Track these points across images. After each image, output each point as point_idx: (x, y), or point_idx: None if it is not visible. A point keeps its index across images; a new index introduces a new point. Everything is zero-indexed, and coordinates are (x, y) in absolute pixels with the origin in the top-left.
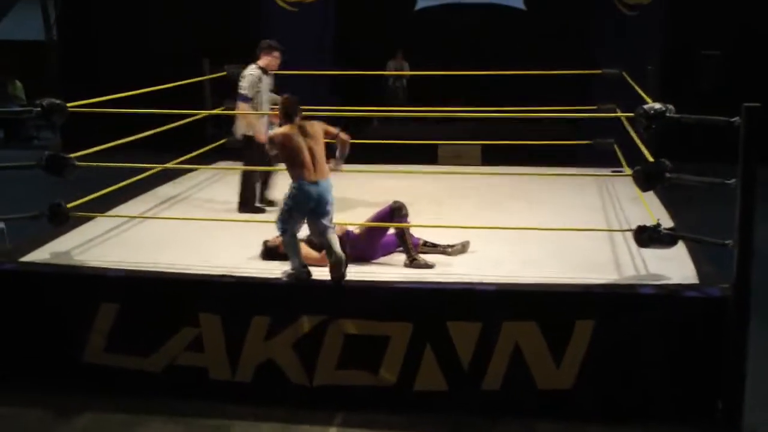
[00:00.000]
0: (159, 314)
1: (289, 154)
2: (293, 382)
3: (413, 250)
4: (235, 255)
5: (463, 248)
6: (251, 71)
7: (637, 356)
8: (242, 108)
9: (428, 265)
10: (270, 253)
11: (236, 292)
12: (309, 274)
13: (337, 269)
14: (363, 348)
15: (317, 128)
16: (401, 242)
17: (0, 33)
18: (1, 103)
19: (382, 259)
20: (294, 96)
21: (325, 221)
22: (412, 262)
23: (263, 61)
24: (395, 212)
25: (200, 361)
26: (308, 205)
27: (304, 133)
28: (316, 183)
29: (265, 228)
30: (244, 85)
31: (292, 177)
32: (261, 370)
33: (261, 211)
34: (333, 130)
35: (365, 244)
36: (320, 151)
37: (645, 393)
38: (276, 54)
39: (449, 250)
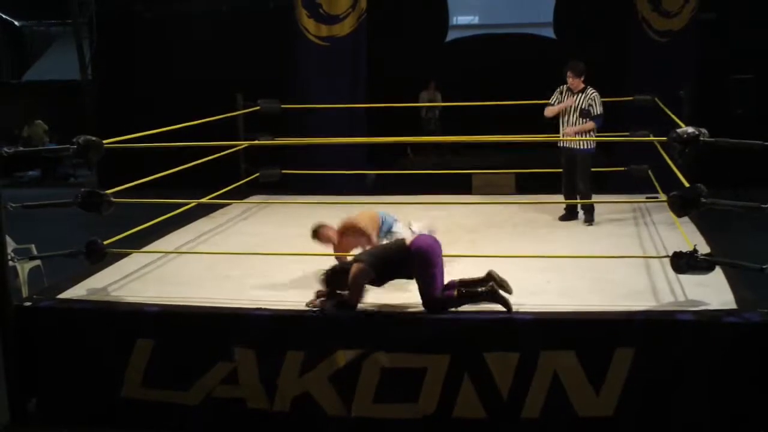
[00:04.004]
0: (195, 349)
1: None
2: (330, 415)
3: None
4: (270, 288)
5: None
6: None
7: (678, 383)
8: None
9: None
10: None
11: (271, 326)
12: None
13: None
14: (400, 381)
15: None
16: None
17: (36, 73)
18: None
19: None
20: None
21: None
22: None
23: None
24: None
25: (237, 393)
26: None
27: None
28: None
29: (300, 260)
30: None
31: None
32: (297, 403)
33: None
34: None
35: (428, 256)
36: None
37: (687, 420)
38: (568, 73)
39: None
